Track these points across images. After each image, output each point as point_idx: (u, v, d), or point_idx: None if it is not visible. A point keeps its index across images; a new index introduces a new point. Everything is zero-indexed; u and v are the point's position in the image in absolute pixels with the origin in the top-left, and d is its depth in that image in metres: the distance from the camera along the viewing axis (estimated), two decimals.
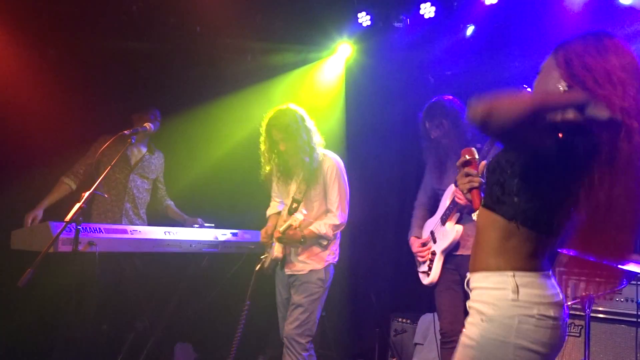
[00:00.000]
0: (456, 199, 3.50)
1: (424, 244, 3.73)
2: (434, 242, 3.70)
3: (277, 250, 3.57)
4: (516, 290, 1.64)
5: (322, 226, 3.51)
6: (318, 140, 3.62)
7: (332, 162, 3.63)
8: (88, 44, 4.67)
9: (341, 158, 3.76)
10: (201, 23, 5.00)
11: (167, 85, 5.06)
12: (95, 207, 4.24)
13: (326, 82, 5.69)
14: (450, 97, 3.92)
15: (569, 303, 3.40)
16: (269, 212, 3.85)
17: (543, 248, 1.71)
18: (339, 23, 5.22)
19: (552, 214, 1.66)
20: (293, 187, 3.65)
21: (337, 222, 3.56)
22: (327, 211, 3.59)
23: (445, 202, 3.71)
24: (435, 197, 3.90)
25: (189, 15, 4.91)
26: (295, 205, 3.62)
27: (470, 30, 4.90)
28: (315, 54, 5.53)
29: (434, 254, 3.68)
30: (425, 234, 3.79)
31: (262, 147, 3.63)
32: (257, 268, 3.71)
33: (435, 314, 4.38)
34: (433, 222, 3.75)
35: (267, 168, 3.66)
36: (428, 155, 3.94)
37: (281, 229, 3.46)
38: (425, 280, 3.75)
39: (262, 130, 3.61)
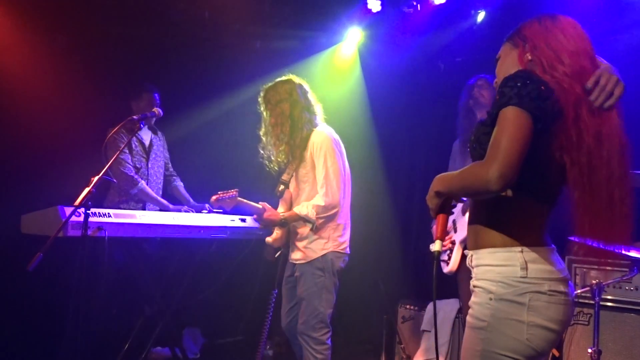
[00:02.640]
0: None
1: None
2: (455, 231, 3.64)
3: (272, 236, 3.47)
4: (525, 267, 1.59)
5: (304, 207, 3.22)
6: (308, 115, 3.30)
7: (318, 136, 3.27)
8: (96, 29, 4.67)
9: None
10: (209, 8, 4.98)
11: (175, 70, 5.05)
12: (115, 194, 4.25)
13: (340, 69, 5.65)
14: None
15: (579, 291, 3.38)
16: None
17: (543, 220, 1.68)
18: (348, 8, 5.18)
19: (543, 179, 1.63)
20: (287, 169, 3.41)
21: (322, 204, 3.18)
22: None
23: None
24: None
25: (197, 1, 4.88)
26: (282, 187, 3.39)
27: (481, 16, 4.86)
28: (324, 39, 5.49)
29: (453, 243, 3.65)
30: (450, 223, 3.71)
31: (265, 121, 3.42)
32: (277, 255, 3.62)
33: (440, 302, 4.40)
34: (456, 211, 3.62)
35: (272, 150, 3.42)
36: (461, 136, 3.88)
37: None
38: (445, 269, 3.73)
39: (260, 104, 3.43)
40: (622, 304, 3.49)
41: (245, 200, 3.40)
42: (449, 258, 3.70)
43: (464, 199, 3.56)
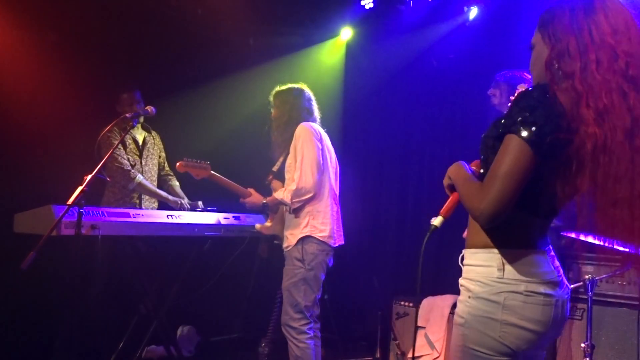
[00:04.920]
0: None
1: None
2: None
3: (265, 224, 3.68)
4: (502, 267, 1.62)
5: (281, 192, 3.45)
6: (303, 116, 3.57)
7: (300, 128, 3.50)
8: (89, 26, 4.64)
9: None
10: (202, 5, 4.96)
11: (168, 67, 5.03)
12: (111, 193, 4.25)
13: (326, 64, 5.65)
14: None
15: (571, 286, 3.39)
16: None
17: (535, 227, 1.67)
18: (342, 5, 5.18)
19: (537, 195, 1.61)
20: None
21: (294, 187, 3.38)
22: None
23: None
24: None
25: None
26: (270, 177, 3.63)
27: (473, 12, 4.87)
28: (317, 36, 5.49)
29: None
30: None
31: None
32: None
33: (435, 297, 4.41)
34: None
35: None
36: None
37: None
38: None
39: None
40: (615, 298, 3.51)
41: (223, 178, 3.65)
42: None
43: None
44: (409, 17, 5.03)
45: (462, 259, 1.76)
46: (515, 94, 1.60)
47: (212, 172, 3.70)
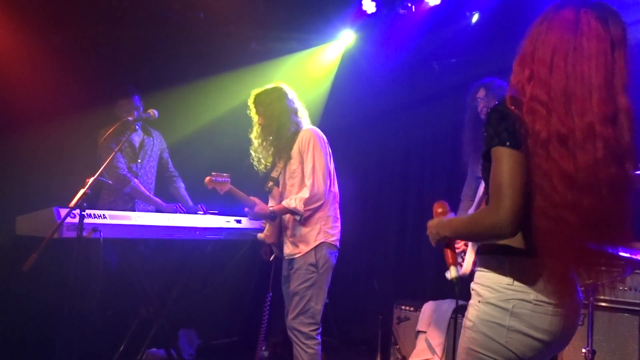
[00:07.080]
0: None
1: None
2: None
3: (264, 232, 3.62)
4: (512, 274, 1.63)
5: (292, 200, 3.36)
6: (295, 118, 3.51)
7: (306, 132, 3.47)
8: (92, 31, 4.66)
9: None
10: (205, 9, 4.98)
11: (169, 71, 5.04)
12: (106, 195, 4.27)
13: (327, 68, 5.66)
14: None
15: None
16: None
17: None
18: (343, 9, 5.19)
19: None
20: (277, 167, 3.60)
21: (307, 195, 3.34)
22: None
23: (479, 194, 3.69)
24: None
25: (193, 2, 4.89)
26: (270, 184, 3.56)
27: (475, 17, 4.87)
28: (318, 40, 5.50)
29: (467, 244, 3.66)
30: None
31: (254, 126, 3.60)
32: (272, 258, 3.75)
33: (435, 302, 4.41)
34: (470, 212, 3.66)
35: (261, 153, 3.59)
36: (474, 142, 3.86)
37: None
38: (459, 271, 3.73)
39: (251, 108, 3.61)
40: (616, 304, 3.51)
41: (237, 190, 3.55)
42: (463, 260, 3.70)
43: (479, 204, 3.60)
44: (410, 22, 5.03)
45: (475, 263, 1.78)
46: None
47: (231, 186, 3.59)
